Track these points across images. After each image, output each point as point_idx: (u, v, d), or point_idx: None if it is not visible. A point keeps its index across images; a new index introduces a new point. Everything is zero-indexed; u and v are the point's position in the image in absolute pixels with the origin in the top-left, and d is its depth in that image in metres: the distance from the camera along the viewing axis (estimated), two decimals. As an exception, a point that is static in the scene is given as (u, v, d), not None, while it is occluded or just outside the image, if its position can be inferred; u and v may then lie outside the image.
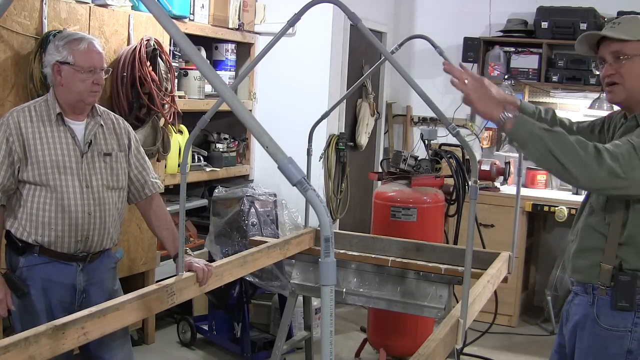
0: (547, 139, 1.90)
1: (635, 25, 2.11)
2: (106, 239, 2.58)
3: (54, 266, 2.49)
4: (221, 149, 4.79)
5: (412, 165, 4.14)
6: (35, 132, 2.45)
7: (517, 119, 1.94)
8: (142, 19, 3.87)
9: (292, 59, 4.87)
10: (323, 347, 1.16)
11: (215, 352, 4.30)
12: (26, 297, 2.47)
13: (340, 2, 2.34)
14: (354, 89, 3.55)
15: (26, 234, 2.46)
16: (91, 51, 2.49)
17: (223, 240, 4.15)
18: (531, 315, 5.27)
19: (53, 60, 2.48)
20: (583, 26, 4.94)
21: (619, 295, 2.09)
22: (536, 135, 1.92)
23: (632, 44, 2.09)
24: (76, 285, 2.53)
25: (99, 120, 2.59)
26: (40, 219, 2.45)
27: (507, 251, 3.18)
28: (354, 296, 3.36)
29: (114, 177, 2.58)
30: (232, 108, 1.22)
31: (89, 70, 2.46)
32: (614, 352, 2.11)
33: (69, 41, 2.48)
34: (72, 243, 2.49)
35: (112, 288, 2.66)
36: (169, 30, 1.24)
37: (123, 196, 2.65)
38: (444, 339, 2.16)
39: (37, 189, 2.45)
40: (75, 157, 2.50)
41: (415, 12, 5.88)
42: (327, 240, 1.14)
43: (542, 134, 1.91)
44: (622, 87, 2.12)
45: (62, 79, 2.48)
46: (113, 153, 2.59)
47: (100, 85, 2.52)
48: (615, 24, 2.14)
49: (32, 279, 2.49)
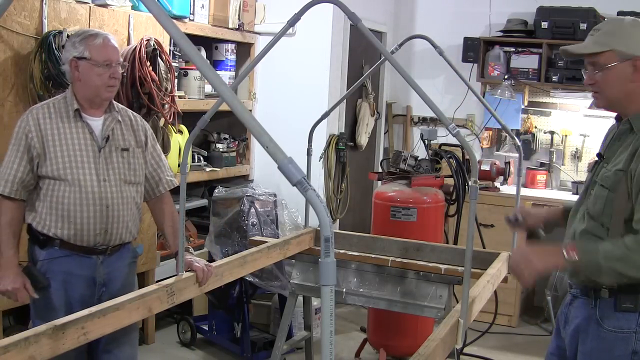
0: (612, 264, 1.99)
1: (610, 32, 2.14)
2: (125, 233, 2.62)
3: (75, 259, 2.55)
4: (221, 149, 4.79)
5: (412, 165, 4.14)
6: (53, 128, 2.52)
7: (581, 256, 2.03)
8: (142, 19, 3.87)
9: (292, 59, 4.87)
10: (323, 347, 1.16)
11: (215, 352, 4.30)
12: (46, 291, 2.52)
13: (340, 2, 2.34)
14: (354, 89, 3.55)
15: (47, 228, 2.52)
16: (107, 45, 2.55)
17: (223, 240, 4.15)
18: (531, 315, 5.27)
19: (70, 57, 2.54)
20: (583, 26, 4.94)
21: (624, 297, 2.08)
22: (602, 267, 2.00)
23: (604, 55, 2.12)
24: (96, 278, 2.58)
25: (116, 116, 2.64)
26: (59, 212, 2.50)
27: (507, 251, 3.18)
28: (354, 296, 3.36)
29: (131, 172, 2.64)
30: (232, 108, 1.22)
31: (105, 64, 2.52)
32: (619, 354, 2.10)
33: (85, 37, 2.54)
34: (91, 236, 2.54)
35: (131, 282, 2.73)
36: (169, 30, 1.24)
37: (141, 191, 2.70)
38: (444, 339, 2.16)
39: (56, 183, 2.50)
40: (92, 152, 2.55)
41: (415, 12, 5.88)
42: (327, 240, 1.14)
43: (606, 263, 1.99)
44: (601, 95, 2.18)
45: (80, 74, 2.53)
46: (130, 148, 2.65)
47: (116, 79, 2.58)
48: (595, 31, 2.18)
49: (53, 272, 2.54)
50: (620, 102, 2.17)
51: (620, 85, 2.13)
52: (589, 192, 2.21)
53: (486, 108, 3.33)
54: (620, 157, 2.11)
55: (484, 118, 5.58)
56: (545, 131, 5.45)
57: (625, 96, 2.14)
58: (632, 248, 1.97)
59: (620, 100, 2.16)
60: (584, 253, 2.03)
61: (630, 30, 2.13)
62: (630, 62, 2.10)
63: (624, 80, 2.12)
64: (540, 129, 5.48)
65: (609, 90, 2.15)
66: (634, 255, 1.97)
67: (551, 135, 5.42)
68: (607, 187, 2.09)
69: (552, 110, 5.45)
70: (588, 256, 2.03)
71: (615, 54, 2.11)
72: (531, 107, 5.50)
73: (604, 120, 5.14)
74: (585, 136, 5.32)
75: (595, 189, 2.16)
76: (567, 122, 5.40)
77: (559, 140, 5.42)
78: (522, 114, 5.49)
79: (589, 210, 2.16)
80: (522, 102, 5.43)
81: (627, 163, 2.06)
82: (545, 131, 5.46)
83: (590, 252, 2.03)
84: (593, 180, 2.19)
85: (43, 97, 3.26)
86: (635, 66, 2.10)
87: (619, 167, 2.09)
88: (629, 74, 2.11)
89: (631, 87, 2.12)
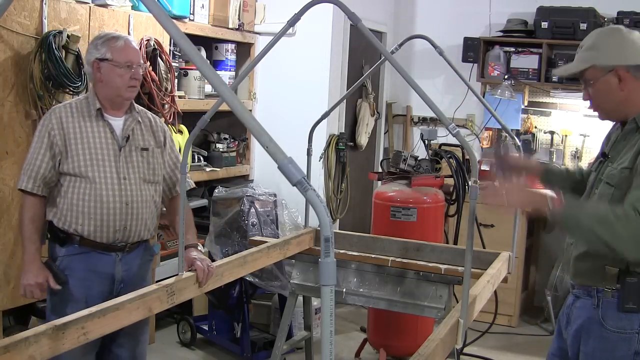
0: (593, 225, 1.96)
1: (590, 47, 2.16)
2: (143, 230, 2.67)
3: (94, 256, 2.60)
4: (221, 149, 4.79)
5: (412, 165, 4.14)
6: (75, 127, 2.58)
7: (564, 208, 2.02)
8: (142, 19, 3.87)
9: (292, 59, 4.87)
10: (323, 347, 1.16)
11: (215, 352, 4.30)
12: (64, 287, 2.56)
13: (340, 2, 2.34)
14: (354, 89, 3.55)
15: (67, 224, 2.57)
16: (128, 47, 2.61)
17: (223, 240, 4.15)
18: (531, 315, 5.27)
19: (92, 58, 2.61)
20: (583, 26, 4.94)
21: (626, 297, 2.08)
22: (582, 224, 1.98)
23: (588, 71, 2.16)
24: (114, 275, 2.63)
25: (136, 117, 2.71)
26: (79, 208, 2.55)
27: (507, 251, 3.19)
28: (354, 296, 3.36)
29: (150, 171, 2.69)
30: (232, 108, 1.22)
31: (126, 66, 2.59)
32: (622, 355, 2.10)
33: (106, 39, 2.61)
34: (110, 233, 2.59)
35: (148, 280, 2.78)
36: (169, 30, 1.24)
37: (159, 190, 2.76)
38: (444, 339, 2.16)
39: (76, 180, 2.56)
40: (113, 151, 2.61)
41: (415, 12, 5.88)
42: (327, 240, 1.14)
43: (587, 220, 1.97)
44: (598, 109, 2.22)
45: (102, 75, 2.60)
46: (150, 148, 2.71)
47: (137, 80, 2.64)
48: (580, 48, 2.20)
49: (72, 269, 2.59)
50: (616, 111, 2.20)
51: (611, 96, 2.15)
52: (593, 190, 2.21)
53: (486, 108, 3.33)
54: (626, 155, 2.11)
55: (484, 118, 5.58)
56: (545, 131, 5.45)
57: (618, 105, 2.17)
58: (620, 217, 1.93)
59: (616, 109, 2.19)
60: (569, 206, 2.02)
61: (608, 41, 2.15)
62: (613, 72, 2.12)
63: (613, 91, 2.14)
64: (540, 129, 5.48)
65: (603, 104, 2.19)
66: (617, 225, 1.92)
67: (551, 135, 5.42)
68: (612, 184, 2.10)
69: (552, 110, 5.45)
70: (571, 210, 2.01)
71: (597, 69, 2.14)
72: (531, 107, 5.49)
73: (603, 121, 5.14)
74: (585, 136, 5.32)
75: (600, 187, 2.16)
76: (567, 122, 5.40)
77: (559, 140, 5.42)
78: (522, 114, 5.48)
79: None
80: (522, 102, 5.43)
81: (632, 161, 2.07)
82: (545, 131, 5.46)
83: (574, 207, 2.03)
84: (598, 179, 2.19)
85: (43, 97, 3.27)
86: (619, 76, 2.12)
87: (624, 165, 2.09)
88: (615, 84, 2.13)
89: (622, 95, 2.14)
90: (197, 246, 2.71)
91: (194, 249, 2.64)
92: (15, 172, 3.21)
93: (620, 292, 2.09)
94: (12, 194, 3.22)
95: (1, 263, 3.22)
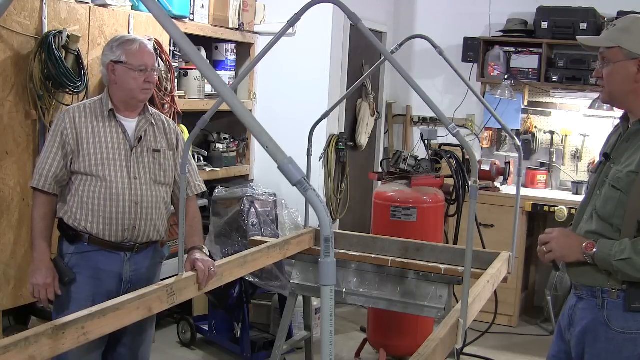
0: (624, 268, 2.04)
1: (622, 29, 2.13)
2: (153, 231, 2.69)
3: (103, 254, 2.61)
4: (221, 149, 4.79)
5: (412, 165, 4.13)
6: (88, 127, 2.61)
7: (596, 256, 2.09)
8: (142, 19, 3.86)
9: (292, 59, 4.87)
10: (323, 347, 1.16)
11: (215, 352, 4.30)
12: (71, 285, 2.58)
13: (340, 2, 2.34)
14: (354, 89, 3.54)
15: (77, 222, 2.59)
16: (143, 51, 2.64)
17: (223, 240, 4.15)
18: (531, 315, 5.27)
19: (108, 60, 2.63)
20: (583, 26, 4.94)
21: (633, 297, 2.07)
22: (615, 267, 2.05)
23: (612, 51, 2.13)
24: (122, 274, 2.64)
25: (150, 119, 2.73)
26: (89, 206, 2.58)
27: (507, 251, 3.18)
28: (354, 296, 3.36)
29: (161, 172, 2.71)
30: (232, 108, 1.22)
31: (140, 69, 2.61)
32: (628, 355, 2.09)
33: (122, 42, 2.64)
34: (119, 231, 2.60)
35: (157, 282, 2.76)
36: (169, 30, 1.24)
37: (170, 192, 2.77)
38: (444, 339, 2.16)
39: (87, 179, 2.59)
40: (125, 151, 2.63)
41: (415, 12, 5.88)
42: (327, 240, 1.14)
43: (619, 265, 2.04)
44: (605, 89, 2.19)
45: (116, 77, 2.62)
46: (162, 150, 2.73)
47: (152, 83, 2.66)
48: (612, 25, 2.18)
49: (80, 267, 2.60)
50: (622, 100, 2.17)
51: (623, 82, 2.13)
52: (595, 192, 2.19)
53: (486, 108, 3.33)
54: (632, 158, 2.09)
55: (484, 118, 5.58)
56: (545, 131, 5.45)
57: (627, 94, 2.14)
58: (638, 251, 1.99)
59: (623, 98, 2.16)
60: (601, 251, 2.08)
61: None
62: (635, 61, 2.10)
63: (628, 78, 2.12)
64: (540, 129, 5.48)
65: (612, 86, 2.16)
66: (637, 259, 1.98)
67: (551, 135, 5.42)
68: (619, 188, 2.08)
69: (552, 110, 5.45)
70: (602, 254, 2.07)
71: (622, 52, 2.11)
72: (531, 107, 5.50)
73: (604, 120, 5.15)
74: (585, 136, 5.32)
75: (604, 190, 2.14)
76: (567, 122, 5.40)
77: (559, 140, 5.42)
78: (522, 114, 5.49)
79: (597, 211, 2.15)
80: (522, 102, 5.44)
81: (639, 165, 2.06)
82: (545, 131, 5.46)
83: (605, 250, 2.07)
84: (602, 180, 2.17)
85: (43, 97, 3.27)
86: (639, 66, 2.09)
87: (631, 168, 2.07)
88: (632, 73, 2.11)
89: (635, 86, 2.12)
90: (202, 248, 2.72)
91: (198, 250, 2.66)
92: (15, 172, 3.21)
93: (625, 292, 2.08)
94: (12, 194, 3.22)
95: (1, 263, 3.21)
